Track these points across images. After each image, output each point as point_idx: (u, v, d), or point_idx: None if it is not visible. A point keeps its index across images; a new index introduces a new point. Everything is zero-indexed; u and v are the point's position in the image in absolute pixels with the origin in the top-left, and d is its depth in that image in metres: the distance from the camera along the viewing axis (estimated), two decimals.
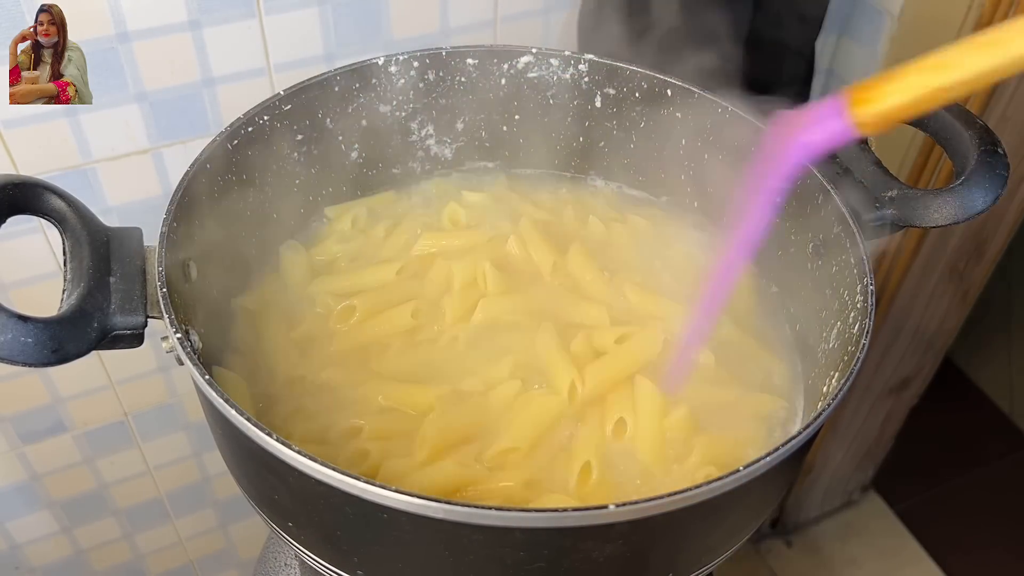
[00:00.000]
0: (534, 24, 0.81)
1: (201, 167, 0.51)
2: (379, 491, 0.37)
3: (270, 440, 0.38)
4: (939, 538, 1.53)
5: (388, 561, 0.42)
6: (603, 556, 0.39)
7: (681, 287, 0.60)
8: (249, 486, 0.47)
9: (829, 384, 0.49)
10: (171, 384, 0.90)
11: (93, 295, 0.43)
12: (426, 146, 0.66)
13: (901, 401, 1.35)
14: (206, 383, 0.41)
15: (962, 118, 0.52)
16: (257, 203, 0.59)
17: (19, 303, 0.57)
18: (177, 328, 0.43)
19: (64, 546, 0.99)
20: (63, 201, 0.45)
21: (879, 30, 0.90)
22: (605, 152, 0.66)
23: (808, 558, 1.51)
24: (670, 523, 0.39)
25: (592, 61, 0.62)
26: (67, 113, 0.67)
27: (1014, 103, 0.92)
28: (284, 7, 0.69)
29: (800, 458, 0.46)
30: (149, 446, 0.94)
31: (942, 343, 1.27)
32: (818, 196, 0.53)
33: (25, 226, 0.72)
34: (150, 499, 1.01)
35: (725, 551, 0.46)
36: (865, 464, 1.48)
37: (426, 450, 0.49)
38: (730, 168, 0.60)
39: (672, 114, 0.61)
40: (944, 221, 0.50)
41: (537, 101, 0.65)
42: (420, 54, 0.61)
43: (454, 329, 0.56)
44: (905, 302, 1.14)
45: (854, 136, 0.42)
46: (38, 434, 0.87)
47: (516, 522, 0.37)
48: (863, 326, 0.46)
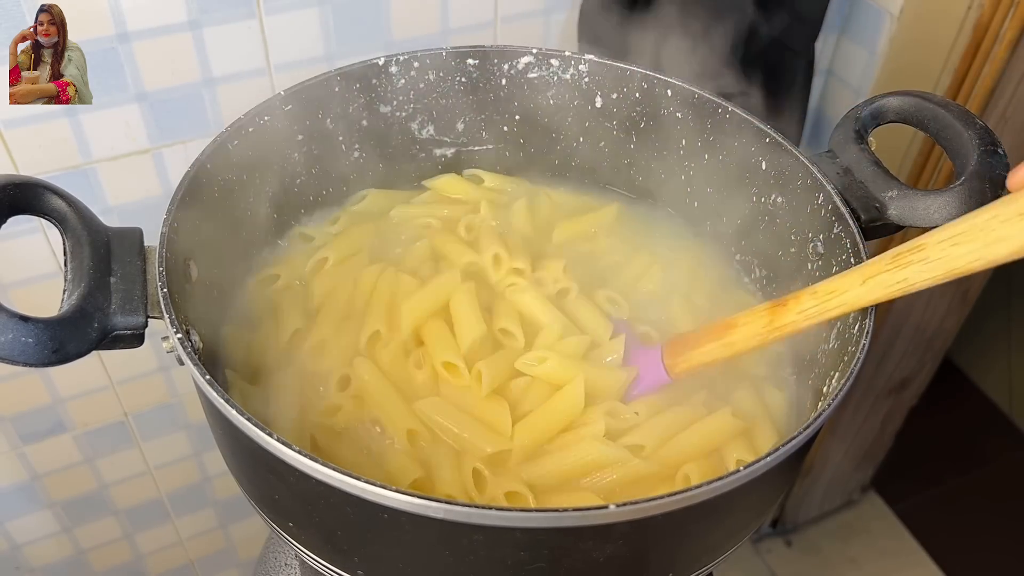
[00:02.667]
0: (534, 24, 0.81)
1: (201, 167, 0.51)
2: (379, 491, 0.37)
3: (270, 440, 0.38)
4: (939, 538, 1.54)
5: (388, 561, 0.42)
6: (603, 556, 0.39)
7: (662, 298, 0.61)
8: (249, 486, 0.47)
9: (829, 384, 0.49)
10: (171, 384, 0.90)
11: (93, 295, 0.43)
12: (426, 146, 0.66)
13: (901, 401, 1.35)
14: (206, 383, 0.41)
15: (962, 118, 0.52)
16: (257, 203, 0.59)
17: (19, 303, 0.57)
18: (177, 328, 0.43)
19: (64, 546, 0.99)
20: (63, 201, 0.45)
21: (879, 30, 0.90)
22: (605, 152, 0.66)
23: (808, 558, 1.51)
24: (670, 523, 0.39)
25: (592, 61, 0.62)
26: (67, 113, 0.67)
27: (1014, 103, 0.92)
28: (284, 7, 0.69)
29: (800, 458, 0.46)
30: (149, 446, 0.95)
31: (942, 343, 1.27)
32: (818, 196, 0.53)
33: (25, 226, 0.72)
34: (150, 499, 1.01)
35: (725, 551, 0.46)
36: (865, 464, 1.48)
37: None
38: (730, 169, 0.60)
39: (672, 114, 0.62)
40: (944, 221, 0.50)
41: (537, 101, 0.65)
42: (420, 54, 0.61)
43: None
44: (905, 302, 1.14)
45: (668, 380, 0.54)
46: (38, 434, 0.87)
47: (516, 522, 0.37)
48: (863, 326, 0.46)
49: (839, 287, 0.46)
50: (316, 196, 0.64)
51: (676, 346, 0.53)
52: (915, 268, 0.43)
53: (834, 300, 0.46)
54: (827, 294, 0.46)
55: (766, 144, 0.57)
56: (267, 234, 0.61)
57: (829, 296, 0.46)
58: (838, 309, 0.46)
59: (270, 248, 0.61)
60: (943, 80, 0.90)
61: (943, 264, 0.42)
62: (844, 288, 0.46)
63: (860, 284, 0.45)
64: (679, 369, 0.53)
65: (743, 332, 0.50)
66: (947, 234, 0.41)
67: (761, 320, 0.49)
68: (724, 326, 0.51)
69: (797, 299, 0.48)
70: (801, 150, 0.55)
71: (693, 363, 0.52)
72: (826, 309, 0.46)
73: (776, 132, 0.56)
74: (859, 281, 0.45)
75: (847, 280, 0.46)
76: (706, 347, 0.51)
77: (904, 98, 0.55)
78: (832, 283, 0.47)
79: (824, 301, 0.46)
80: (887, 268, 0.44)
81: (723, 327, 0.51)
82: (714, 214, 0.64)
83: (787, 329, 0.48)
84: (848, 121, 0.55)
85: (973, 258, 0.40)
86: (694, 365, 0.52)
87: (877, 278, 0.44)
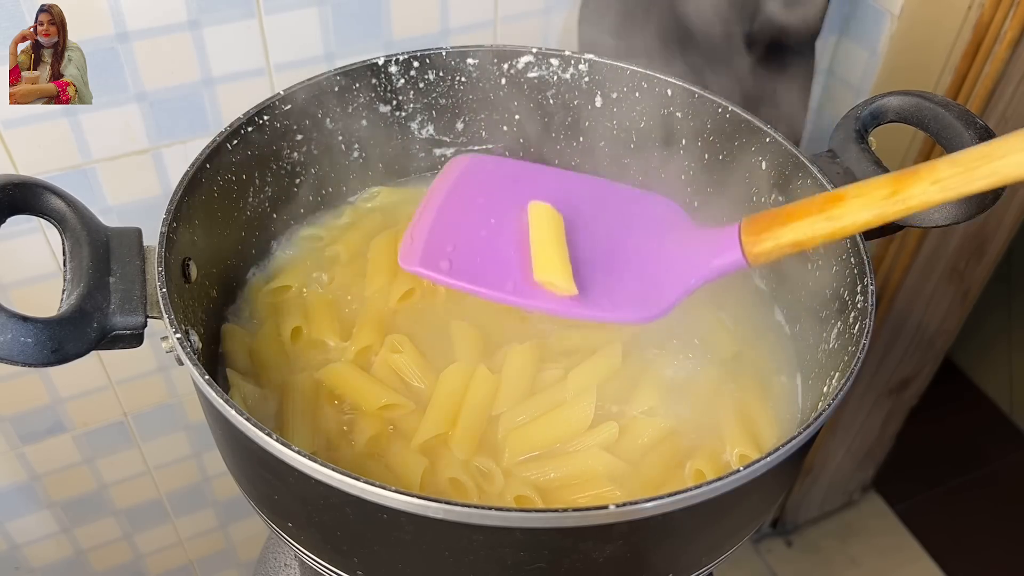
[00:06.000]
0: (534, 24, 0.81)
1: (201, 167, 0.51)
2: (379, 491, 0.37)
3: (270, 440, 0.38)
4: (939, 538, 1.54)
5: (388, 561, 0.42)
6: (603, 556, 0.39)
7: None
8: (249, 486, 0.47)
9: (829, 384, 0.49)
10: (171, 384, 0.90)
11: (93, 295, 0.43)
12: (426, 146, 0.66)
13: (901, 401, 1.35)
14: (206, 383, 0.41)
15: (962, 118, 0.52)
16: (257, 203, 0.59)
17: (19, 303, 0.57)
18: (177, 328, 0.43)
19: (64, 546, 0.99)
20: (63, 201, 0.45)
21: (879, 30, 0.90)
22: (605, 152, 0.66)
23: (808, 558, 1.51)
24: (670, 523, 0.39)
25: (592, 61, 0.62)
26: (67, 113, 0.67)
27: (1014, 103, 0.92)
28: (284, 7, 0.69)
29: (800, 458, 0.46)
30: (149, 446, 0.94)
31: (942, 343, 1.27)
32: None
33: (25, 226, 0.72)
34: (150, 499, 1.01)
35: (725, 551, 0.46)
36: (865, 464, 1.48)
37: None
38: (730, 169, 0.60)
39: (672, 114, 0.61)
40: (944, 221, 0.50)
41: (537, 101, 0.65)
42: (420, 54, 0.61)
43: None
44: (905, 302, 1.14)
45: (745, 266, 0.44)
46: (38, 434, 0.87)
47: (516, 522, 0.37)
48: (863, 326, 0.46)
49: (992, 152, 0.37)
50: (316, 196, 0.64)
51: (761, 221, 0.44)
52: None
53: (985, 167, 0.37)
54: (977, 159, 0.37)
55: (766, 144, 0.57)
56: (267, 234, 0.61)
57: (980, 161, 0.37)
58: (987, 179, 0.37)
59: (271, 249, 0.61)
60: (943, 80, 0.90)
61: None
62: (1000, 154, 0.37)
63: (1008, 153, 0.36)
64: (763, 248, 0.43)
65: (854, 204, 0.40)
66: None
67: (881, 190, 0.40)
68: (828, 198, 0.41)
69: (932, 167, 0.39)
70: (801, 150, 0.55)
71: (783, 240, 0.42)
72: (972, 179, 0.37)
73: (776, 132, 0.56)
74: (1002, 152, 0.37)
75: (994, 147, 0.37)
76: (802, 221, 0.42)
77: (904, 98, 0.55)
78: (978, 149, 0.38)
79: (970, 169, 0.37)
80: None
81: (826, 199, 0.41)
82: (714, 214, 0.64)
83: (914, 201, 0.39)
84: (848, 121, 0.55)
85: None
86: (782, 244, 0.43)
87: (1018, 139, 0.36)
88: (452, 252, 0.47)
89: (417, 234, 0.49)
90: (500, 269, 0.46)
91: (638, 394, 0.53)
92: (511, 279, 0.46)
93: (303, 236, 0.63)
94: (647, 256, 0.47)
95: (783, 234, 0.42)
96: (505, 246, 0.47)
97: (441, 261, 0.47)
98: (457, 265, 0.47)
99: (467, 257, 0.47)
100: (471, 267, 0.46)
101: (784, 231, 0.42)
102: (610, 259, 0.47)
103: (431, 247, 0.48)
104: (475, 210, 0.49)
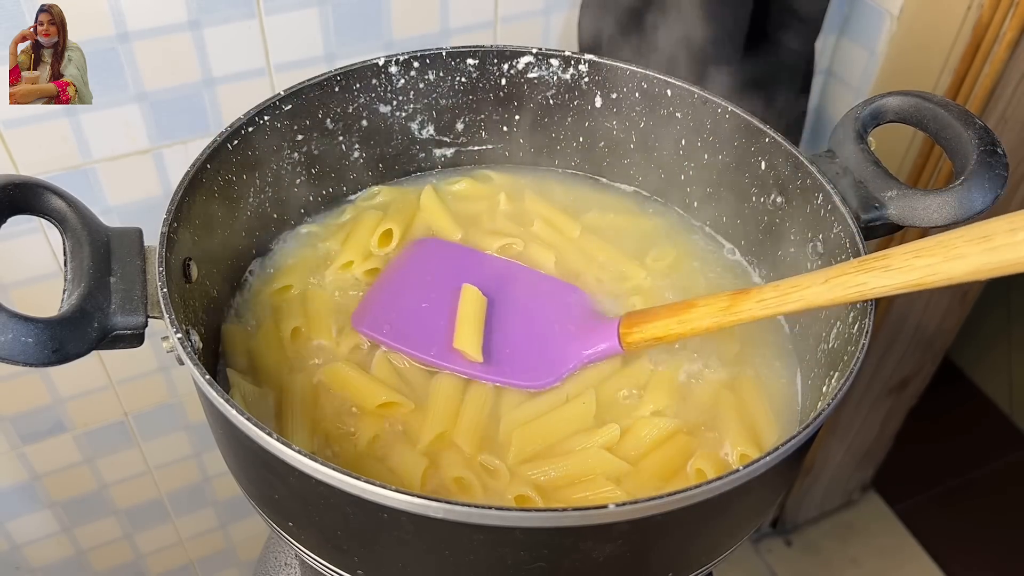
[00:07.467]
0: (534, 24, 0.81)
1: (201, 167, 0.51)
2: (379, 491, 0.37)
3: (270, 440, 0.38)
4: (939, 538, 1.54)
5: (388, 561, 0.42)
6: (603, 556, 0.39)
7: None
8: (249, 486, 0.47)
9: (829, 384, 0.49)
10: (171, 384, 0.90)
11: (93, 295, 0.43)
12: (426, 146, 0.66)
13: (901, 401, 1.35)
14: (206, 383, 0.41)
15: (962, 118, 0.52)
16: (257, 203, 0.59)
17: (19, 303, 0.57)
18: (177, 328, 0.43)
19: (64, 546, 0.99)
20: (63, 201, 0.45)
21: (879, 30, 0.90)
22: (605, 152, 0.66)
23: (808, 558, 1.51)
24: (670, 523, 0.39)
25: (592, 61, 0.62)
26: (67, 113, 0.67)
27: (1014, 103, 0.93)
28: (284, 7, 0.69)
29: (800, 458, 0.46)
30: (149, 446, 0.95)
31: (942, 343, 1.27)
32: (818, 196, 0.53)
33: (25, 226, 0.72)
34: (150, 499, 1.01)
35: (725, 550, 0.46)
36: (865, 464, 1.48)
37: None
38: (730, 169, 0.60)
39: (672, 114, 0.62)
40: (944, 221, 0.50)
41: (537, 101, 0.65)
42: (420, 54, 0.61)
43: None
44: (905, 302, 1.14)
45: (622, 352, 0.54)
46: (38, 434, 0.87)
47: (516, 522, 0.37)
48: (863, 326, 0.46)
49: (801, 283, 0.47)
50: (316, 196, 0.64)
51: (634, 318, 0.54)
52: (876, 274, 0.44)
53: (794, 294, 0.47)
54: (789, 287, 0.47)
55: (766, 144, 0.57)
56: (267, 234, 0.61)
57: (791, 290, 0.47)
58: (796, 304, 0.47)
59: (271, 249, 0.62)
60: (943, 80, 0.90)
61: (903, 274, 0.43)
62: (806, 284, 0.46)
63: (822, 283, 0.46)
64: (632, 339, 0.53)
65: (701, 312, 0.50)
66: (913, 247, 0.42)
67: (721, 303, 0.49)
68: (684, 305, 0.51)
69: (760, 289, 0.49)
70: (801, 150, 0.55)
71: (647, 335, 0.52)
72: (785, 302, 0.47)
73: (776, 132, 0.56)
74: (821, 280, 0.46)
75: (810, 278, 0.47)
76: (662, 321, 0.52)
77: (904, 98, 0.55)
78: (796, 279, 0.47)
79: (784, 294, 0.47)
80: (850, 271, 0.45)
81: (683, 305, 0.51)
82: (714, 214, 0.64)
83: (743, 315, 0.49)
84: (848, 121, 0.55)
85: (931, 271, 0.42)
86: (647, 338, 0.52)
87: (839, 279, 0.45)
88: (394, 319, 0.56)
89: (368, 302, 0.58)
90: (429, 336, 0.55)
91: (648, 396, 0.54)
92: (436, 345, 0.55)
93: (303, 236, 0.63)
94: (549, 336, 0.56)
95: (648, 330, 0.52)
96: (438, 318, 0.57)
97: (384, 325, 0.56)
98: (395, 329, 0.56)
99: (404, 324, 0.56)
100: (406, 332, 0.56)
101: (649, 327, 0.52)
102: (519, 335, 0.56)
103: (377, 314, 0.57)
104: (421, 286, 0.59)
